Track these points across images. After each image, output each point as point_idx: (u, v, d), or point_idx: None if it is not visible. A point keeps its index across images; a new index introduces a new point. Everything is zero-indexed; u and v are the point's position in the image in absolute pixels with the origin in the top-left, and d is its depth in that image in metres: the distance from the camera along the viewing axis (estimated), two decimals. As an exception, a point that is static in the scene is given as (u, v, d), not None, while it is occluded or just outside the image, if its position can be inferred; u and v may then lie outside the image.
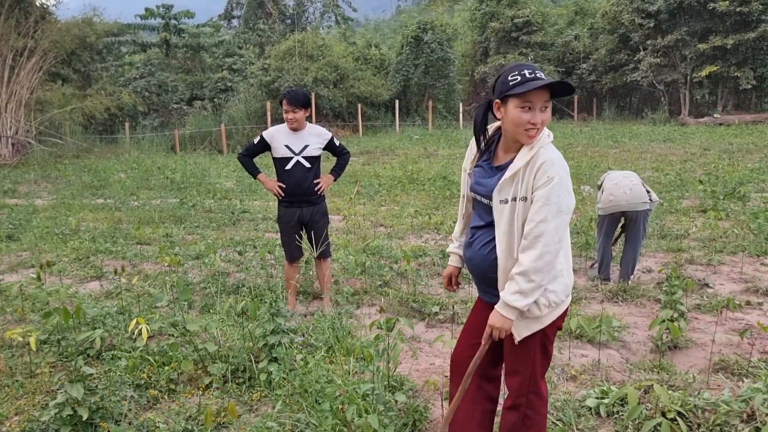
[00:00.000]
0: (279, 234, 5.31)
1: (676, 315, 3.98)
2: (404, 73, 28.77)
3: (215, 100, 28.96)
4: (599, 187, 5.82)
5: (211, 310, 5.03)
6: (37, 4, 21.00)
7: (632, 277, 5.68)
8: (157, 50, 32.12)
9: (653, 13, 28.28)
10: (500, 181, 2.29)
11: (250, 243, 7.66)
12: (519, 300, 2.21)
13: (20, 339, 4.30)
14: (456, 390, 2.54)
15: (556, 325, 2.39)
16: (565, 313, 2.41)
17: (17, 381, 3.79)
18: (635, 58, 29.68)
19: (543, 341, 2.39)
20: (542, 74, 2.22)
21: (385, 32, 52.93)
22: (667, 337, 4.12)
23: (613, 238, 5.82)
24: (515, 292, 2.21)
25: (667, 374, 3.68)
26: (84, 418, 2.85)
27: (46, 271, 6.05)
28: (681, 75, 28.46)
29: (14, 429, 3.20)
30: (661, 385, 2.94)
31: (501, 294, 2.28)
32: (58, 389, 3.49)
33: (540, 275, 2.19)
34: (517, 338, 2.33)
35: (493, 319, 2.27)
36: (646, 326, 4.51)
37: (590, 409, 3.24)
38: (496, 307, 2.27)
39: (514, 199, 2.26)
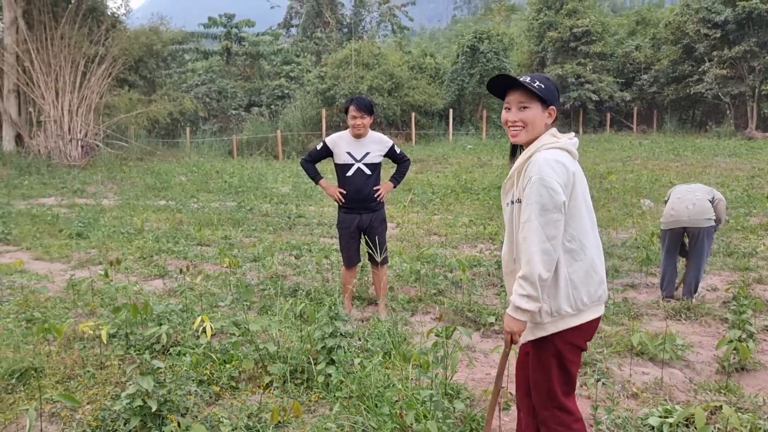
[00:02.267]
0: (336, 239, 5.39)
1: (744, 336, 3.85)
2: (459, 82, 28.70)
3: (272, 106, 29.58)
4: (665, 201, 5.68)
5: (269, 312, 5.14)
6: (109, 13, 21.99)
7: (696, 294, 5.50)
8: (218, 58, 33.09)
9: (720, 23, 27.37)
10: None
11: (306, 247, 7.79)
12: (520, 301, 2.23)
13: (91, 332, 4.52)
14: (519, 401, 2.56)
15: (572, 342, 2.36)
16: (581, 331, 2.36)
17: (89, 372, 3.97)
18: (700, 70, 28.74)
19: (558, 357, 2.37)
20: (510, 77, 2.38)
21: (441, 41, 53.01)
22: (734, 358, 3.98)
23: (677, 253, 5.65)
24: (517, 294, 2.24)
25: (735, 396, 3.56)
26: (153, 410, 2.96)
27: (113, 268, 6.32)
28: (749, 87, 27.40)
29: (87, 417, 3.35)
30: (730, 407, 2.84)
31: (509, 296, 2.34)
32: (127, 381, 3.65)
33: (534, 276, 2.19)
34: (521, 340, 2.37)
35: (505, 321, 2.32)
36: (711, 346, 4.37)
37: (653, 428, 3.16)
38: (507, 309, 2.32)
39: (512, 201, 2.36)
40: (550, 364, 2.38)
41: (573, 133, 2.43)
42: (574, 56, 31.15)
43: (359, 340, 4.22)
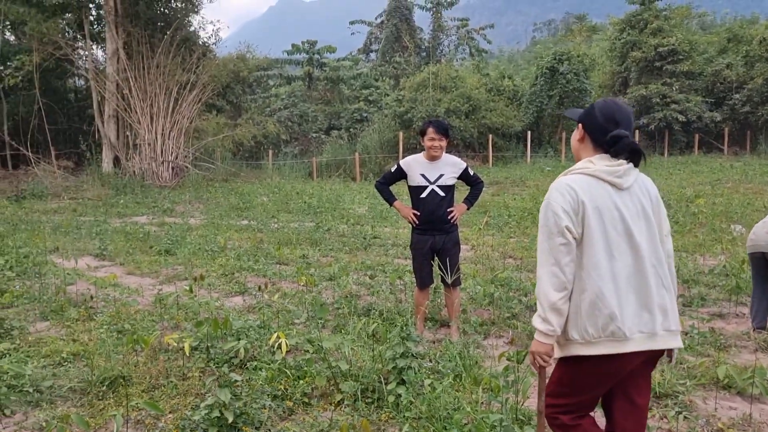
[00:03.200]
0: (410, 260, 5.44)
1: None
2: (537, 104, 28.31)
3: (351, 129, 30.22)
4: None
5: (342, 330, 5.23)
6: (200, 43, 23.26)
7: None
8: (300, 83, 34.25)
9: (821, 38, 25.72)
10: None
11: (380, 268, 7.88)
12: (535, 321, 2.33)
13: (175, 344, 4.74)
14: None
15: (582, 370, 2.36)
16: (592, 364, 2.32)
17: (172, 382, 4.17)
18: (798, 88, 27.04)
19: (559, 370, 2.45)
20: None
21: (519, 63, 52.53)
22: (833, 396, 3.70)
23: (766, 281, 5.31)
24: (535, 315, 2.33)
25: (834, 437, 3.31)
26: (229, 421, 3.08)
27: (197, 284, 6.63)
28: None
29: (169, 425, 3.53)
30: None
31: None
32: (206, 393, 3.81)
33: (542, 297, 2.27)
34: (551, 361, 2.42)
35: (532, 343, 2.40)
36: (809, 382, 4.07)
37: (739, 466, 2.98)
38: None
39: None
40: (553, 374, 2.48)
41: (624, 161, 2.36)
42: (659, 76, 30.05)
43: (430, 361, 4.22)
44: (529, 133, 27.49)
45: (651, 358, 2.40)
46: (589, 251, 2.28)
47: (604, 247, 2.29)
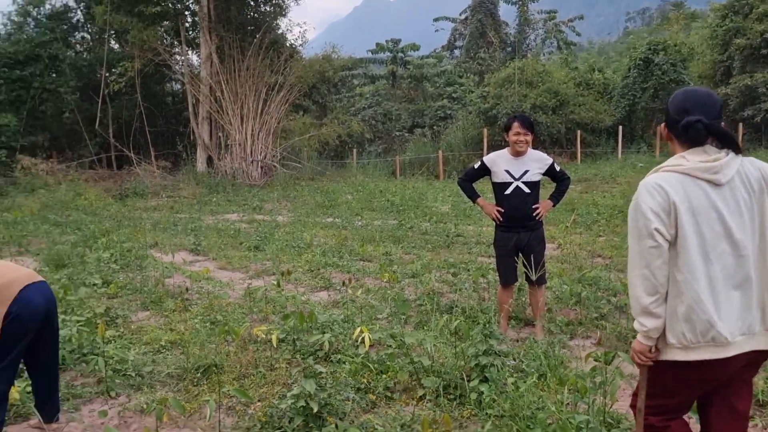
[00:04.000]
0: (493, 258, 5.37)
1: None
2: (630, 97, 27.12)
3: (434, 127, 30.15)
4: None
5: (425, 327, 5.24)
6: (288, 45, 23.95)
7: None
8: (384, 82, 34.54)
9: None
10: None
11: (463, 266, 7.82)
12: (635, 322, 2.26)
13: (264, 336, 4.92)
14: None
15: (678, 376, 2.26)
16: (690, 369, 2.21)
17: (260, 372, 4.34)
18: None
19: (654, 370, 2.32)
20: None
21: (610, 55, 50.48)
22: None
23: None
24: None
25: None
26: (314, 411, 3.17)
27: (285, 279, 6.85)
28: None
29: (258, 413, 3.67)
30: None
31: None
32: (292, 383, 3.93)
33: (634, 300, 2.21)
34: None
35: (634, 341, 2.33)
36: None
37: None
38: None
39: None
40: (648, 374, 2.36)
41: (722, 154, 2.19)
42: (765, 64, 28.02)
43: (514, 359, 4.15)
44: (620, 127, 26.38)
45: (753, 361, 2.26)
46: (684, 254, 2.16)
47: (700, 250, 2.16)
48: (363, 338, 3.92)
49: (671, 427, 2.35)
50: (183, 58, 24.39)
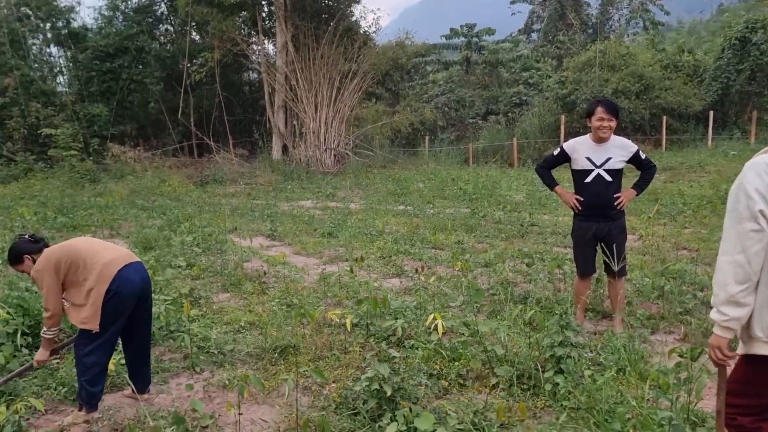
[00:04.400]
0: (570, 249, 5.24)
1: None
2: (723, 80, 25.55)
3: (509, 114, 29.59)
4: None
5: (498, 316, 5.19)
6: (361, 32, 24.06)
7: None
8: (458, 68, 34.12)
9: None
10: None
11: (537, 255, 7.66)
12: (712, 312, 2.17)
13: (338, 320, 5.02)
14: None
15: (765, 367, 2.14)
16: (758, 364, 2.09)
17: (335, 354, 4.43)
18: None
19: (741, 367, 2.23)
20: None
21: (702, 35, 47.81)
22: None
23: None
24: (713, 305, 2.17)
25: None
26: (387, 395, 3.20)
27: (358, 265, 6.93)
28: None
29: (332, 393, 3.75)
30: None
31: None
32: (366, 366, 3.99)
33: (721, 287, 2.08)
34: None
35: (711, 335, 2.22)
36: None
37: None
38: None
39: None
40: (734, 377, 2.26)
41: None
42: None
43: (590, 352, 4.05)
44: (711, 113, 24.97)
45: None
46: None
47: None
48: (436, 325, 3.92)
49: (763, 429, 2.23)
50: (259, 47, 24.99)
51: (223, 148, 23.15)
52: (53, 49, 25.17)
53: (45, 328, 3.53)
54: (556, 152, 5.02)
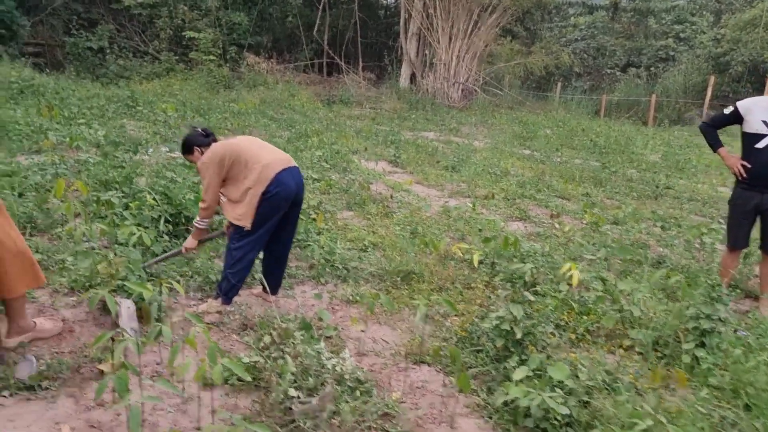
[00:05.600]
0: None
1: None
2: None
3: (651, 68, 27.48)
4: None
5: (628, 276, 4.92)
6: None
7: None
8: (603, 13, 31.84)
9: None
10: None
11: (673, 220, 7.16)
12: None
13: (461, 254, 4.96)
14: None
15: None
16: None
17: (457, 288, 4.40)
18: None
19: None
20: None
21: None
22: None
23: None
24: None
25: None
26: (517, 337, 3.13)
27: (481, 203, 6.80)
28: None
29: (455, 326, 3.74)
30: None
31: None
32: (491, 304, 3.92)
33: None
34: None
35: None
36: None
37: None
38: None
39: None
40: None
41: None
42: None
43: (743, 331, 3.74)
44: None
45: None
46: None
47: None
48: (571, 275, 3.76)
49: None
50: (401, -30, 24.42)
51: (353, 70, 23.23)
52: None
53: (198, 218, 3.73)
54: (727, 111, 4.55)
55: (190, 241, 3.82)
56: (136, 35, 21.32)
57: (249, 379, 2.66)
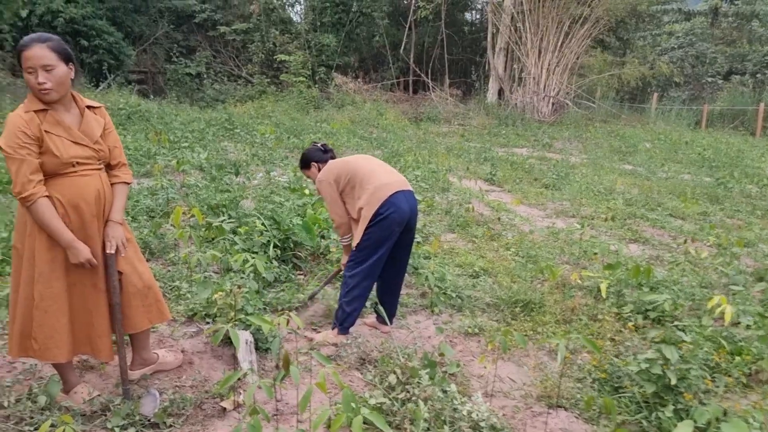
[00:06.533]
0: None
1: None
2: None
3: (758, 75, 25.65)
4: None
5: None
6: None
7: None
8: (702, 19, 30.17)
9: None
10: None
11: (811, 243, 6.47)
12: None
13: (580, 281, 4.61)
14: None
15: None
16: None
17: (582, 320, 4.05)
18: None
19: None
20: None
21: None
22: None
23: None
24: None
25: None
26: (672, 383, 2.78)
27: (588, 224, 6.39)
28: None
29: (587, 364, 3.40)
30: None
31: None
32: (625, 341, 3.56)
33: None
34: None
35: None
36: None
37: None
38: None
39: None
40: None
41: None
42: None
43: None
44: None
45: None
46: None
47: None
48: (722, 310, 3.34)
49: None
50: (488, -15, 24.12)
51: (439, 87, 23.07)
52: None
53: (339, 237, 3.75)
54: None
55: (345, 258, 3.79)
56: (230, 60, 22.14)
57: (390, 431, 2.46)
